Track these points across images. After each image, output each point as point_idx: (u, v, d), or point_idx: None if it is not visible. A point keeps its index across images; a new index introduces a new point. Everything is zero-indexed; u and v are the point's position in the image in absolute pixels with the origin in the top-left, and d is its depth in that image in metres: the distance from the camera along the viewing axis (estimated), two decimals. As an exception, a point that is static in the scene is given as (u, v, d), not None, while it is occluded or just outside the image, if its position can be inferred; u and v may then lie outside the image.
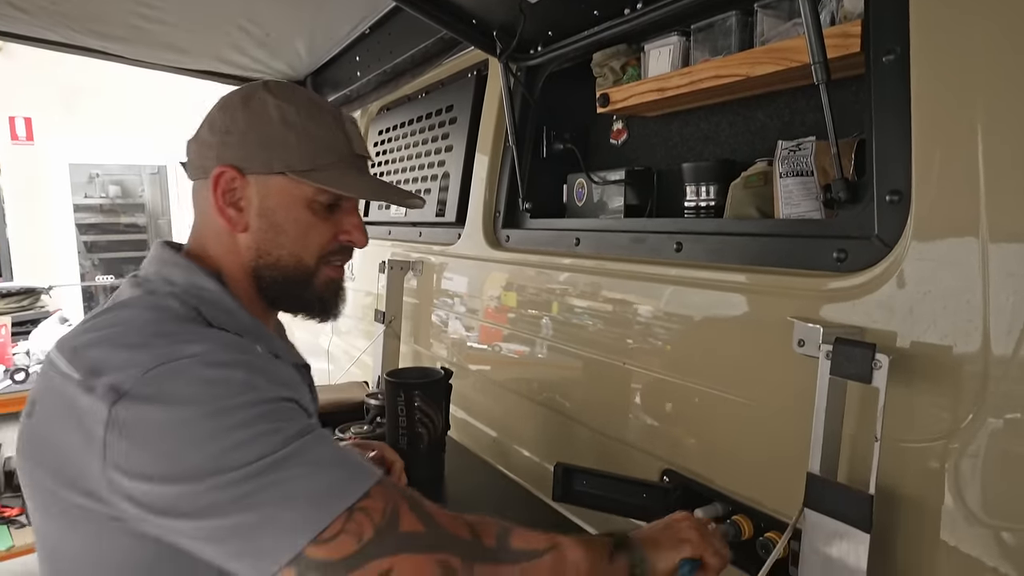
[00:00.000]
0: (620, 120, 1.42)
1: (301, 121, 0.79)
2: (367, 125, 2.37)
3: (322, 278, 0.84)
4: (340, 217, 0.84)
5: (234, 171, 0.78)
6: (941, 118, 0.69)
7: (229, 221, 0.79)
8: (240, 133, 0.78)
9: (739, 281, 0.93)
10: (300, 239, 0.81)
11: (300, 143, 0.78)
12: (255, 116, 0.79)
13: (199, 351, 0.65)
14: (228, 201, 0.79)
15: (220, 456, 0.60)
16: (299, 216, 0.80)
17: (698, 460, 1.00)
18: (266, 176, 0.79)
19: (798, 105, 1.06)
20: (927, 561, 0.70)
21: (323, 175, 0.80)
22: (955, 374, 0.68)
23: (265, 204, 0.79)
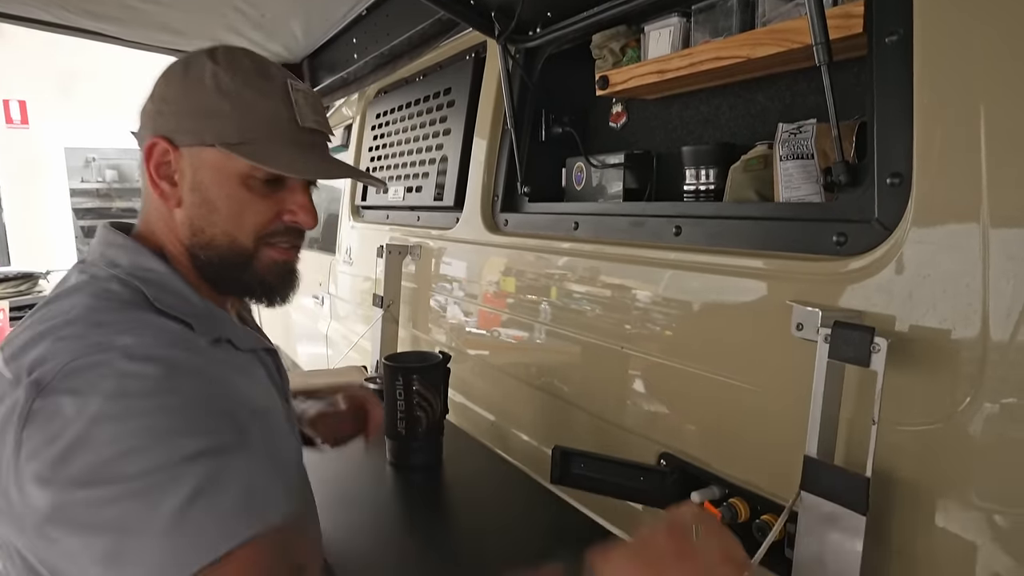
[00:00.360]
0: (619, 103, 1.41)
1: (237, 89, 0.72)
2: (364, 108, 2.35)
3: (264, 261, 0.77)
4: (284, 195, 0.77)
5: (165, 142, 0.73)
6: (943, 100, 0.69)
7: (162, 195, 0.74)
8: (175, 102, 0.73)
9: (738, 265, 0.93)
10: (233, 217, 0.75)
11: (233, 113, 0.72)
12: (191, 84, 0.73)
13: (127, 343, 0.60)
14: (161, 174, 0.74)
15: (104, 465, 0.55)
16: (232, 192, 0.74)
17: (695, 444, 1.00)
18: (199, 148, 0.73)
19: (799, 87, 1.05)
20: (922, 543, 0.71)
21: (254, 149, 0.73)
22: (953, 357, 0.67)
23: (197, 178, 0.74)
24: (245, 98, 0.73)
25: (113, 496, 0.54)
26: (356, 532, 1.09)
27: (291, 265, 0.82)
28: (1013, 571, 0.63)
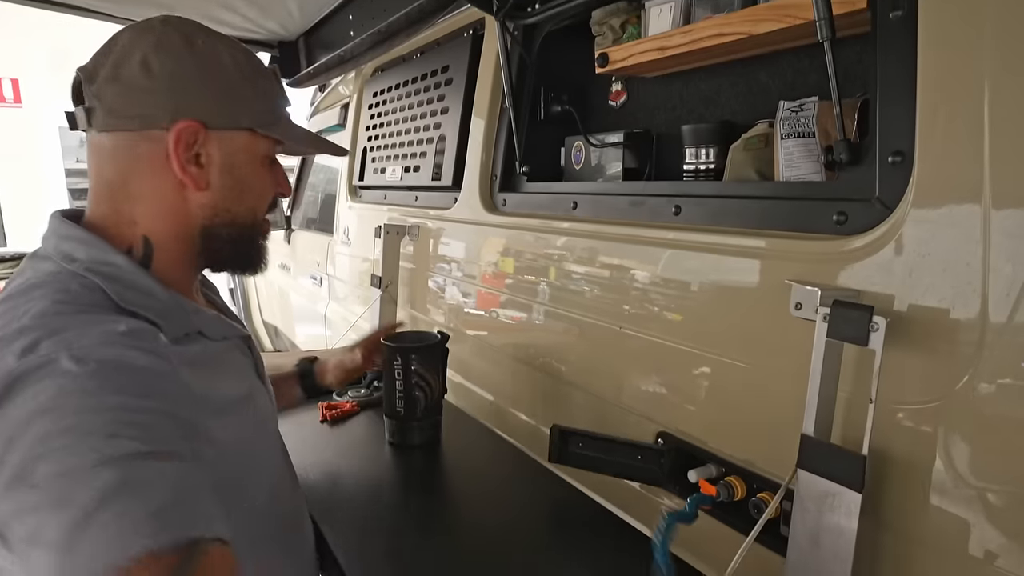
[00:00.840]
0: (619, 81, 1.40)
1: (253, 73, 0.76)
2: (361, 87, 2.32)
3: (264, 230, 0.85)
4: (276, 170, 0.84)
5: (198, 125, 0.71)
6: (948, 77, 0.68)
7: (191, 180, 0.73)
8: (197, 82, 0.71)
9: (737, 244, 0.92)
10: (259, 195, 0.81)
11: (257, 96, 0.77)
12: (208, 63, 0.72)
13: (77, 345, 0.57)
14: (188, 158, 0.72)
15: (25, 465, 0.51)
16: (259, 172, 0.80)
17: (693, 423, 1.01)
18: (230, 132, 0.75)
19: (801, 65, 1.04)
20: (917, 520, 0.71)
21: (283, 130, 0.79)
22: (951, 337, 0.67)
23: (231, 160, 0.76)
24: (261, 82, 0.77)
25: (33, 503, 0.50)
26: (355, 510, 1.10)
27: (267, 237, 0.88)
28: (1006, 548, 0.64)
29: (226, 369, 0.80)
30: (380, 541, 1.02)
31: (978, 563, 0.66)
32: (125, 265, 0.70)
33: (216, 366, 0.77)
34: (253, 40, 2.44)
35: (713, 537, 0.95)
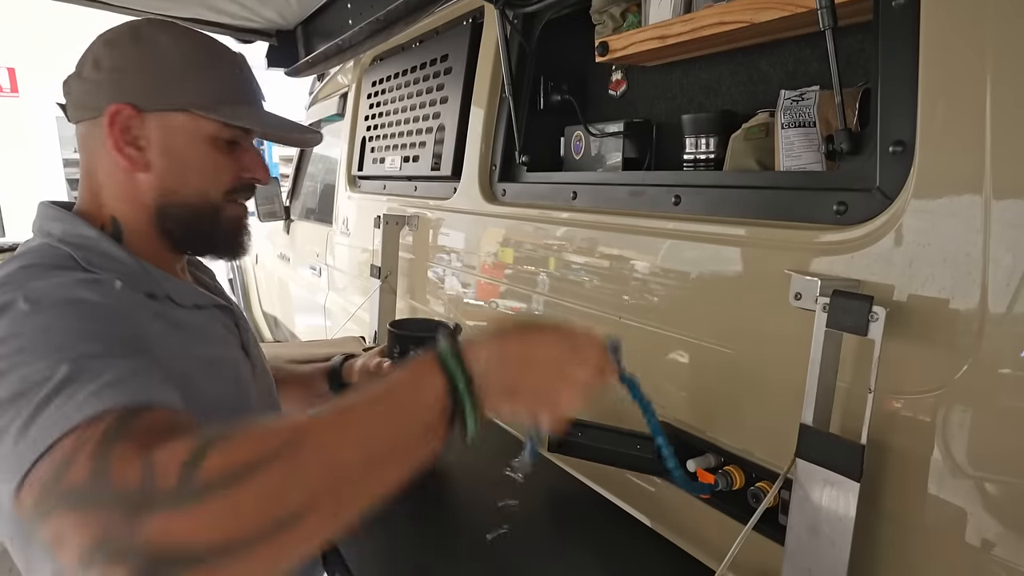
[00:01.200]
0: (619, 70, 1.39)
1: (199, 57, 0.79)
2: (359, 76, 2.31)
3: (228, 215, 0.85)
4: (240, 155, 0.84)
5: (131, 109, 0.76)
6: (950, 67, 0.68)
7: (129, 161, 0.77)
8: (135, 71, 0.77)
9: (737, 234, 0.92)
10: (206, 176, 0.82)
11: (198, 78, 0.78)
12: (150, 53, 0.77)
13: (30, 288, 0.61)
14: (127, 140, 0.77)
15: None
16: (204, 153, 0.80)
17: (692, 412, 1.01)
18: (167, 113, 0.78)
19: (802, 54, 1.03)
20: (914, 509, 0.72)
21: (225, 111, 0.80)
22: (951, 327, 0.68)
23: (167, 142, 0.78)
24: (205, 65, 0.79)
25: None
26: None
27: (246, 219, 0.89)
28: (1003, 537, 0.64)
29: (195, 333, 0.80)
30: (376, 527, 1.02)
31: (975, 552, 0.66)
32: (95, 236, 0.77)
33: (184, 329, 0.78)
34: (251, 29, 2.43)
35: (712, 526, 0.96)
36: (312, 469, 0.48)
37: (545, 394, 0.59)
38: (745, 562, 0.89)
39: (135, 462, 0.47)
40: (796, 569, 0.76)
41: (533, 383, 0.58)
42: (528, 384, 0.58)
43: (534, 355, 0.59)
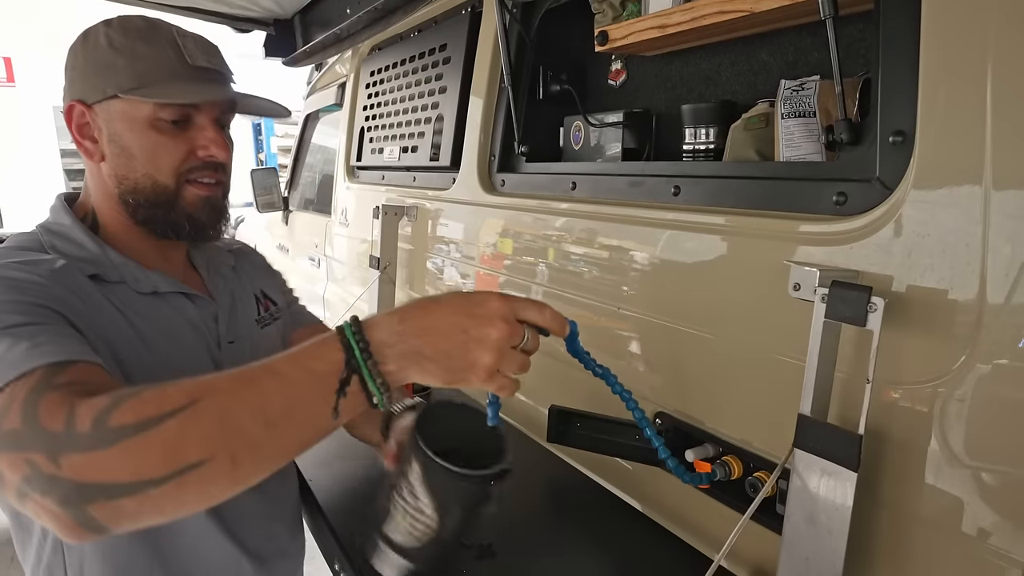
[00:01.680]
0: (619, 60, 1.38)
1: (128, 43, 0.80)
2: (358, 66, 2.30)
3: (189, 198, 0.85)
4: (193, 133, 0.84)
5: (80, 105, 0.81)
6: (951, 56, 0.67)
7: (87, 153, 0.83)
8: (79, 67, 0.81)
9: (736, 225, 0.92)
10: (150, 159, 0.82)
11: (127, 63, 0.79)
12: (89, 48, 0.81)
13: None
14: (84, 135, 0.83)
15: None
16: (144, 136, 0.81)
17: (690, 403, 1.02)
18: (106, 103, 0.81)
19: (803, 43, 1.03)
20: (911, 499, 0.72)
21: (149, 90, 0.79)
22: (949, 317, 0.68)
23: (111, 129, 0.82)
24: (136, 49, 0.80)
25: None
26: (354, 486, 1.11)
27: (215, 200, 0.88)
28: (999, 526, 0.65)
29: (140, 315, 0.81)
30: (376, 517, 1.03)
31: (971, 541, 0.67)
32: (69, 223, 0.84)
33: (128, 310, 0.80)
34: (248, 18, 2.41)
35: (710, 516, 0.97)
36: (209, 425, 0.54)
37: (455, 357, 0.59)
38: (743, 551, 0.90)
39: (59, 410, 0.55)
40: (793, 558, 0.76)
41: (438, 347, 0.59)
42: (433, 348, 0.59)
43: (434, 320, 0.60)
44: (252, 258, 1.12)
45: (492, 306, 0.60)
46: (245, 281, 1.03)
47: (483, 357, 0.59)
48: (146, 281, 0.84)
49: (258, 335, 0.98)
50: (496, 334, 0.59)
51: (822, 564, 0.73)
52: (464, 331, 0.59)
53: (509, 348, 0.60)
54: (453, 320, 0.59)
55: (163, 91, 0.80)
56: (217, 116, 0.86)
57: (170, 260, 0.92)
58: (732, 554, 0.77)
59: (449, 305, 0.60)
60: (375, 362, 0.57)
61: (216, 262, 1.00)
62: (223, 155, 0.86)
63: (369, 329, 0.59)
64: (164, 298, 0.86)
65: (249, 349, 0.94)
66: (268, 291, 1.07)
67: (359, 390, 0.57)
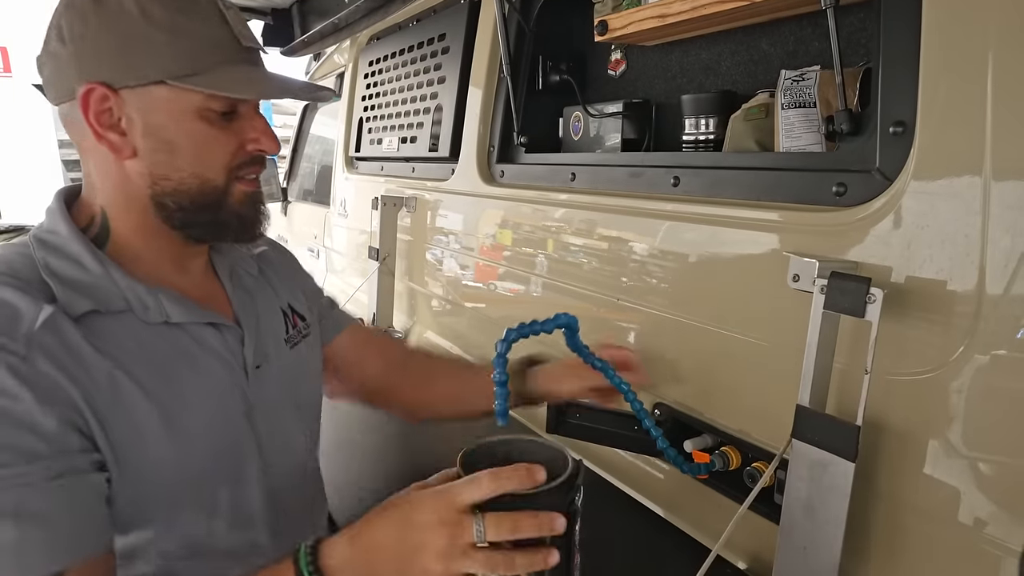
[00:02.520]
0: (618, 50, 1.38)
1: (169, 16, 0.66)
2: (356, 56, 2.29)
3: (237, 195, 0.75)
4: (242, 124, 0.73)
5: (103, 88, 0.66)
6: (952, 46, 0.67)
7: (112, 148, 0.69)
8: (99, 40, 0.66)
9: (736, 216, 0.92)
10: (200, 156, 0.71)
11: (173, 42, 0.66)
12: (111, 15, 0.65)
13: None
14: (105, 124, 0.68)
15: None
16: (193, 129, 0.69)
17: (689, 394, 1.02)
18: (143, 88, 0.67)
19: (803, 33, 1.02)
20: (908, 489, 0.72)
21: (210, 78, 0.68)
22: (948, 308, 0.68)
23: (150, 121, 0.68)
24: (180, 24, 0.66)
25: None
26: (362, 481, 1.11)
27: (260, 196, 0.79)
28: (995, 516, 0.65)
29: (154, 356, 0.71)
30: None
31: (968, 530, 0.67)
32: (65, 234, 0.70)
33: (137, 355, 0.70)
34: (245, 7, 2.39)
35: (708, 506, 0.97)
36: None
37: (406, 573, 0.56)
38: (741, 541, 0.90)
39: None
40: (791, 547, 0.76)
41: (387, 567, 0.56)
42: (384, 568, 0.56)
43: (379, 536, 0.57)
44: (279, 261, 0.99)
45: (425, 507, 0.56)
46: (271, 293, 0.91)
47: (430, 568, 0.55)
48: (156, 309, 0.72)
49: (286, 356, 0.88)
50: (434, 540, 0.55)
51: (819, 554, 0.73)
52: (409, 546, 0.56)
53: (463, 548, 0.55)
54: (395, 533, 0.57)
55: (223, 81, 0.68)
56: (258, 103, 0.76)
57: (189, 271, 0.80)
58: (730, 543, 0.77)
59: (391, 517, 0.58)
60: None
61: (240, 270, 0.88)
62: (276, 148, 0.76)
63: (322, 555, 0.57)
64: (181, 327, 0.75)
65: (276, 372, 0.84)
66: (296, 304, 0.95)
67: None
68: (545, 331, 0.65)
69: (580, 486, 0.70)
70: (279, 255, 1.00)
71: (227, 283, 0.84)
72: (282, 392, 0.86)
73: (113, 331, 0.69)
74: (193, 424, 0.73)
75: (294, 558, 0.57)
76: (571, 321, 0.68)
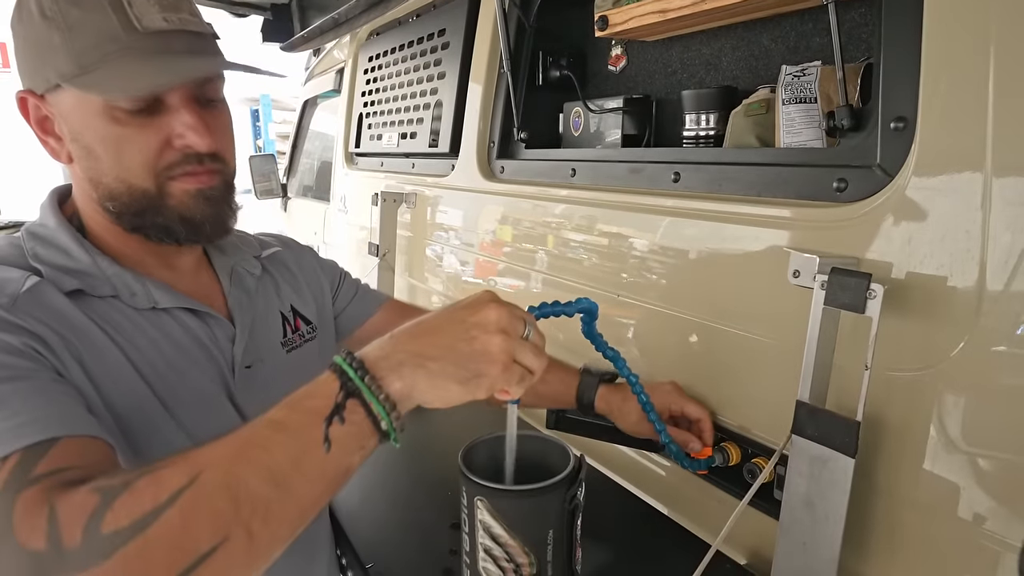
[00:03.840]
0: (619, 45, 1.37)
1: (60, 9, 0.62)
2: (356, 51, 2.28)
3: (177, 195, 0.69)
4: (167, 119, 0.66)
5: (31, 96, 0.67)
6: (953, 42, 0.67)
7: (53, 153, 0.69)
8: (20, 48, 0.66)
9: (736, 212, 0.92)
10: (119, 159, 0.66)
11: (67, 40, 0.62)
12: (24, 21, 0.65)
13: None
14: (46, 130, 0.68)
15: None
16: (104, 132, 0.65)
17: (689, 389, 1.02)
18: (53, 93, 0.65)
19: (804, 28, 1.02)
20: (908, 484, 0.72)
21: (93, 76, 0.62)
22: (948, 304, 0.68)
23: (70, 126, 0.67)
24: (74, 18, 0.62)
25: None
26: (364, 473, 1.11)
27: (211, 192, 0.71)
28: (995, 512, 0.65)
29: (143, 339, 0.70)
30: (382, 504, 1.04)
31: (967, 526, 0.67)
32: (54, 226, 0.71)
33: (128, 334, 0.69)
34: (245, 2, 2.39)
35: (708, 501, 0.97)
36: (217, 501, 0.45)
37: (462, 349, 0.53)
38: (741, 536, 0.90)
39: (40, 518, 0.45)
40: (791, 543, 0.77)
41: (439, 343, 0.53)
42: (434, 346, 0.53)
43: (425, 325, 0.55)
44: (292, 262, 0.96)
45: (479, 295, 0.56)
46: (271, 295, 0.89)
47: (492, 340, 0.53)
48: (143, 294, 0.71)
49: (282, 360, 0.85)
50: (495, 314, 0.54)
51: (819, 549, 0.73)
52: (462, 320, 0.54)
53: (516, 334, 0.55)
54: (446, 316, 0.55)
55: (107, 78, 0.62)
56: (195, 91, 0.68)
57: (176, 268, 0.78)
58: (730, 539, 0.77)
59: (436, 311, 0.56)
60: (373, 377, 0.51)
61: (241, 270, 0.86)
62: (204, 143, 0.67)
63: (362, 353, 0.53)
64: (169, 313, 0.73)
65: (269, 376, 0.82)
66: (301, 307, 0.93)
67: (363, 416, 0.50)
68: (566, 314, 0.64)
69: (582, 481, 0.72)
70: (294, 256, 0.98)
71: (225, 282, 0.83)
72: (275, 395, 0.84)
73: (102, 310, 0.68)
74: (180, 409, 0.71)
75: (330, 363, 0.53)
76: (592, 307, 0.68)
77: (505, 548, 0.71)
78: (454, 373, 0.53)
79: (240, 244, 0.90)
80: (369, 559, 0.91)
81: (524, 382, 0.56)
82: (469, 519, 0.73)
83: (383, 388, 0.51)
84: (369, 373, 0.51)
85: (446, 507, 0.99)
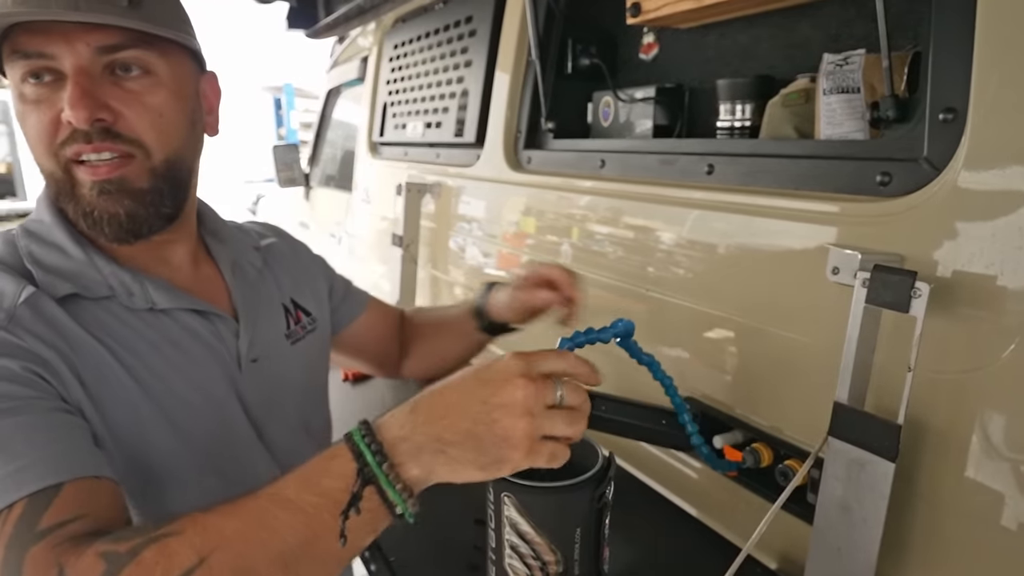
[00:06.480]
0: (651, 32, 1.34)
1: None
2: (381, 39, 2.27)
3: (83, 183, 0.65)
4: (58, 94, 0.62)
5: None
6: (1008, 29, 0.63)
7: None
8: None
9: (773, 206, 0.89)
10: (28, 140, 0.65)
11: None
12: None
13: None
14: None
15: None
16: (17, 110, 0.63)
17: (720, 388, 1.00)
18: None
19: (847, 15, 0.98)
20: (949, 491, 0.70)
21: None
22: (999, 304, 0.65)
23: None
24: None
25: None
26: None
27: (104, 185, 0.65)
28: (1041, 521, 0.63)
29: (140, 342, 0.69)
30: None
31: (1012, 536, 0.64)
32: (49, 221, 0.70)
33: (123, 339, 0.67)
34: (271, -10, 2.38)
35: (737, 504, 0.95)
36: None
37: (482, 435, 0.50)
38: (770, 540, 0.88)
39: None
40: (825, 548, 0.74)
41: (459, 427, 0.50)
42: (454, 431, 0.50)
43: (447, 399, 0.51)
44: (287, 253, 0.96)
45: (504, 366, 0.51)
46: (273, 287, 0.88)
47: (515, 426, 0.49)
48: (141, 295, 0.69)
49: (287, 353, 0.85)
50: (520, 392, 0.50)
51: (855, 555, 0.71)
52: (483, 401, 0.50)
53: (543, 408, 0.51)
54: (467, 392, 0.51)
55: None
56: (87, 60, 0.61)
57: (170, 262, 0.76)
58: (760, 543, 0.75)
59: (459, 380, 0.52)
60: (391, 464, 0.49)
61: (243, 262, 0.85)
62: (75, 117, 0.60)
63: (380, 429, 0.51)
64: (168, 313, 0.71)
65: (275, 370, 0.81)
66: (301, 298, 0.92)
67: (378, 503, 0.49)
68: (602, 340, 0.61)
69: (611, 479, 0.71)
70: (288, 246, 0.98)
71: (228, 275, 0.82)
72: (282, 388, 0.83)
73: (97, 315, 0.67)
74: (180, 414, 0.70)
75: (346, 436, 0.51)
76: (628, 328, 0.65)
77: (532, 545, 0.71)
78: (475, 460, 0.50)
79: (239, 233, 0.89)
80: (392, 551, 0.91)
81: (557, 458, 0.52)
82: (496, 515, 0.72)
83: (401, 477, 0.50)
84: (388, 460, 0.49)
85: (470, 502, 0.98)
